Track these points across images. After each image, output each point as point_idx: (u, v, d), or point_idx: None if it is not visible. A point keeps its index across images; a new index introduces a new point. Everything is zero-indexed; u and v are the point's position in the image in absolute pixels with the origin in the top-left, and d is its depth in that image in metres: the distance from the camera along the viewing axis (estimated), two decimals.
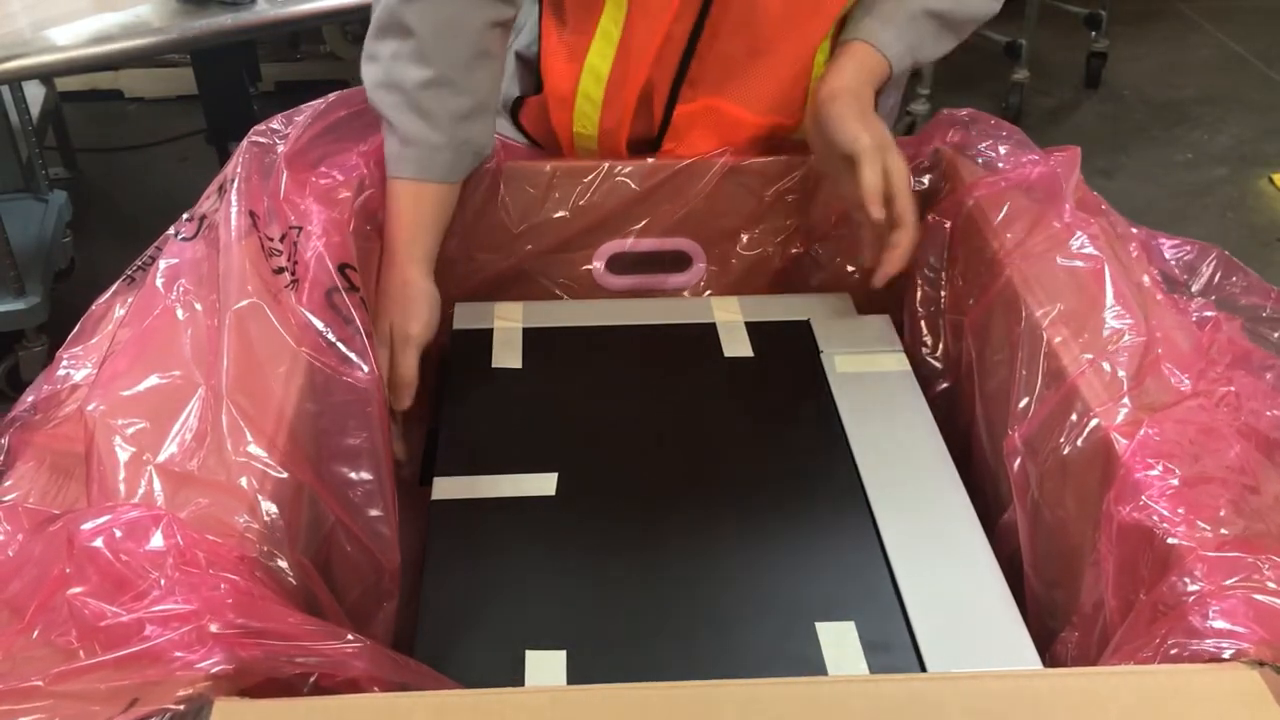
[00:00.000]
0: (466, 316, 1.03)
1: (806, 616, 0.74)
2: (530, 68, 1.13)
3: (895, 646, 0.72)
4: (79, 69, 2.17)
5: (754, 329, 1.02)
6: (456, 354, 1.00)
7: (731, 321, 1.03)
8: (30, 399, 0.76)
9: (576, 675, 0.71)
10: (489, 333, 1.01)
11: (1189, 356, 0.74)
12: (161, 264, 0.81)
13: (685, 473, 0.87)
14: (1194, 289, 0.86)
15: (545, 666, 0.71)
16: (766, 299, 1.07)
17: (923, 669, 0.71)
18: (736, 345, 1.00)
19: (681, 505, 0.84)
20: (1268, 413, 0.69)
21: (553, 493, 0.85)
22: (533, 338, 1.01)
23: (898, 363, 0.98)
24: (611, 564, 0.79)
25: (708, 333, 1.02)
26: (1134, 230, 0.90)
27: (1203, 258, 0.88)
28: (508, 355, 0.99)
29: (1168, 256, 0.89)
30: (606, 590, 0.77)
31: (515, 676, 0.71)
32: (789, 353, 1.00)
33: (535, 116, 1.14)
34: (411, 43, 0.96)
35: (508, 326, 1.02)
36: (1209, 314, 0.79)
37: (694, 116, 1.08)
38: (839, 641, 0.72)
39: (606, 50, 1.04)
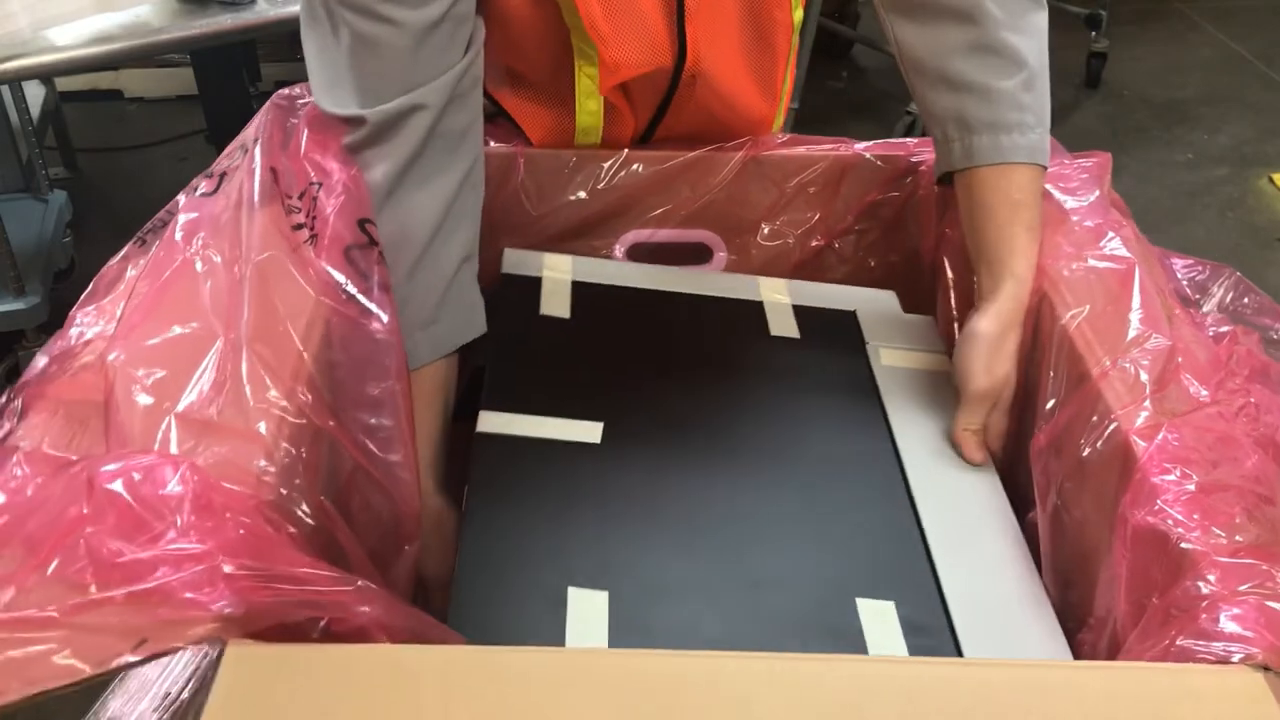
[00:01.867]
0: (515, 262, 1.02)
1: (848, 591, 0.74)
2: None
3: (933, 629, 0.72)
4: (79, 69, 2.16)
5: (800, 312, 1.01)
6: (505, 297, 0.98)
7: (778, 302, 1.02)
8: (43, 361, 0.76)
9: (617, 618, 0.70)
10: (537, 281, 1.01)
11: (1207, 367, 0.74)
12: (181, 218, 0.81)
13: (729, 439, 0.87)
14: (1205, 308, 0.86)
15: (587, 605, 0.71)
16: (813, 285, 1.06)
17: (959, 654, 0.71)
18: (783, 325, 1.00)
19: (725, 470, 0.84)
20: None
21: (598, 441, 0.84)
22: (580, 291, 1.00)
23: (941, 364, 0.97)
24: (656, 518, 0.79)
25: (754, 310, 1.01)
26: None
27: (1215, 278, 0.88)
28: (556, 305, 0.98)
29: (1180, 276, 0.89)
30: (649, 542, 0.77)
31: (557, 613, 0.70)
32: (834, 339, 0.99)
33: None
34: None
35: (556, 278, 1.01)
36: (1224, 329, 0.79)
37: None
38: (880, 619, 0.72)
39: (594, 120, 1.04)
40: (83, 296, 0.81)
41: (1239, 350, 0.75)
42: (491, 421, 0.85)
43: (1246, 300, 0.85)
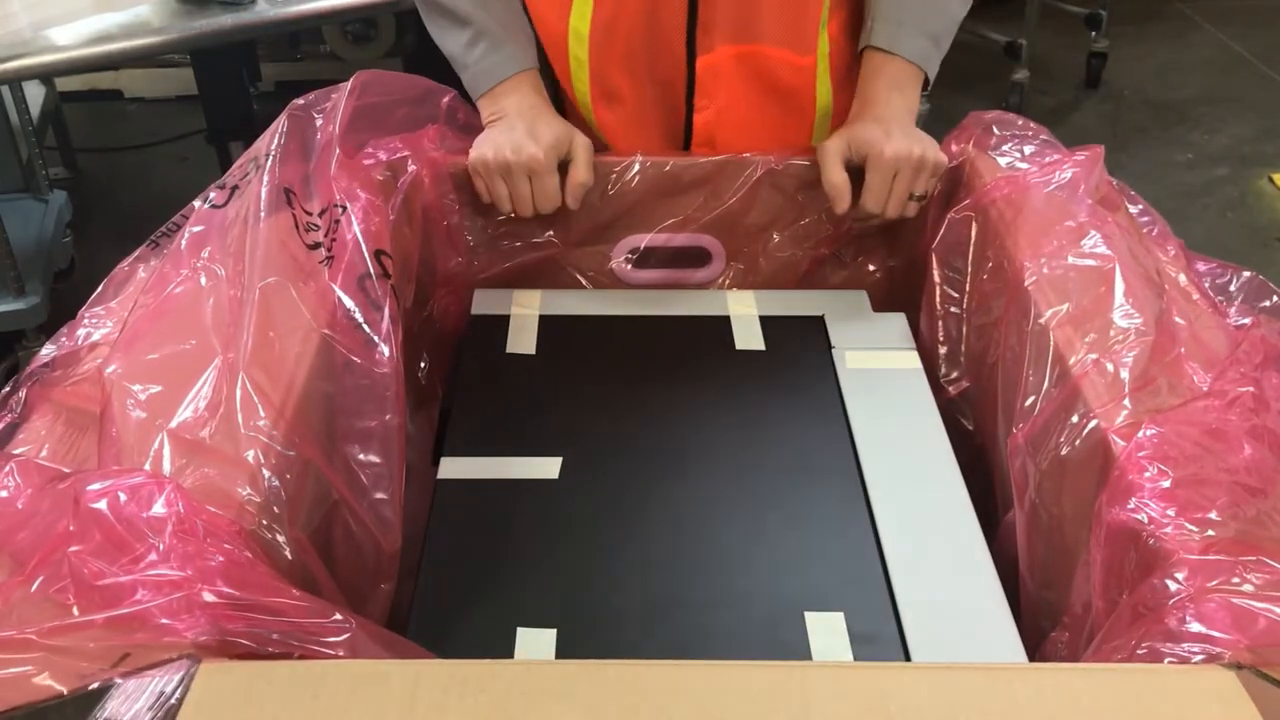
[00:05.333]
0: (485, 302, 1.04)
1: (797, 606, 0.75)
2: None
3: (882, 639, 0.73)
4: (79, 69, 2.17)
5: (768, 323, 1.03)
6: (472, 338, 1.01)
7: (746, 315, 1.04)
8: (50, 355, 0.77)
9: (565, 653, 0.71)
10: (505, 319, 1.03)
11: (1214, 355, 0.73)
12: (189, 230, 0.81)
13: (687, 461, 0.88)
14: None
15: (535, 643, 0.72)
16: (783, 294, 1.07)
17: (908, 661, 0.71)
18: (749, 338, 1.01)
19: (681, 492, 0.85)
20: None
21: (555, 476, 0.86)
22: (548, 325, 1.02)
23: (909, 361, 0.98)
24: (607, 547, 0.80)
25: (721, 325, 1.02)
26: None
27: (1236, 280, 0.88)
28: (522, 341, 1.00)
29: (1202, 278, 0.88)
30: (601, 572, 0.78)
31: (506, 652, 0.72)
32: (800, 347, 1.00)
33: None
34: None
35: (524, 314, 1.03)
36: (1245, 320, 0.78)
37: (718, 68, 1.07)
38: (827, 632, 0.73)
39: (584, 9, 1.06)
40: (93, 295, 0.82)
41: (1252, 336, 0.74)
42: (452, 467, 0.86)
43: (1268, 303, 0.85)
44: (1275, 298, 0.83)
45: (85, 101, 3.25)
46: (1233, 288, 0.87)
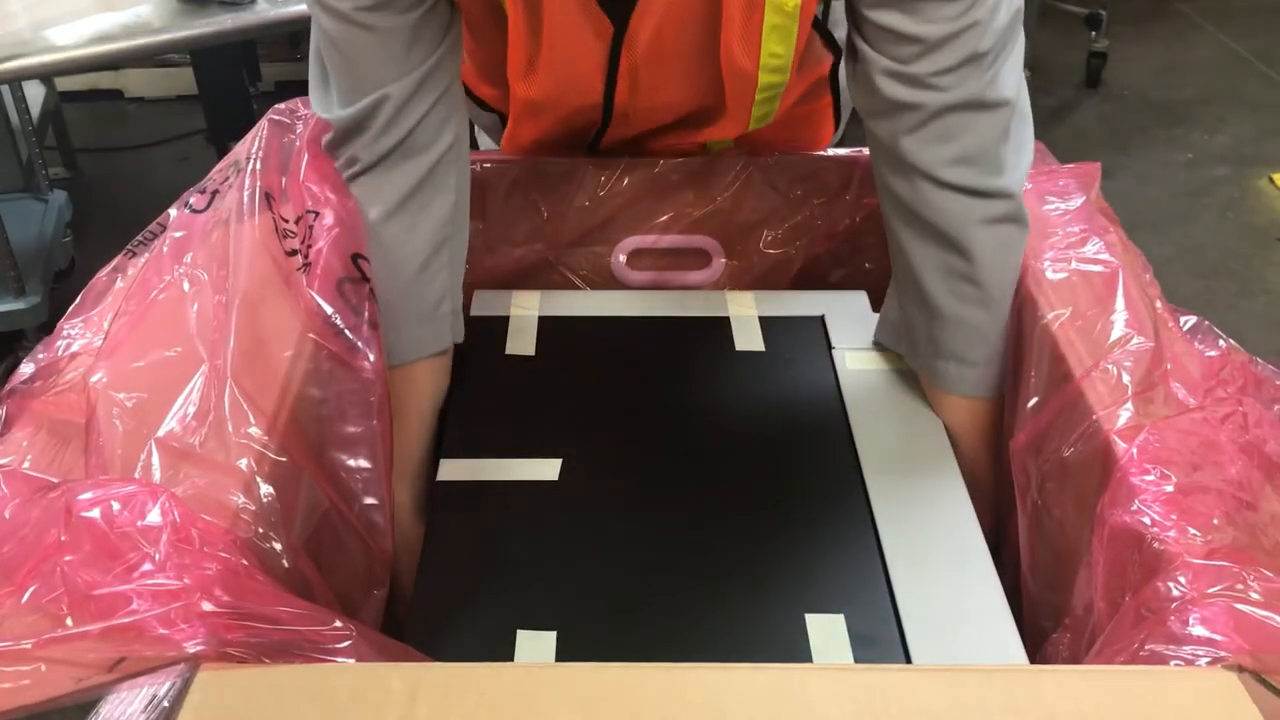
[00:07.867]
0: (484, 304, 1.04)
1: (798, 608, 0.75)
2: None
3: (883, 641, 0.73)
4: (79, 69, 2.18)
5: (767, 324, 1.03)
6: (471, 340, 1.00)
7: (745, 316, 1.04)
8: (29, 370, 0.76)
9: (565, 656, 0.71)
10: (505, 320, 1.02)
11: (1198, 377, 0.74)
12: (171, 235, 0.81)
13: (687, 462, 0.88)
14: None
15: (535, 646, 0.72)
16: (782, 294, 1.07)
17: (909, 663, 0.71)
18: (749, 339, 1.01)
19: (682, 494, 0.85)
20: (1273, 441, 0.68)
21: (555, 478, 0.85)
22: (548, 326, 1.02)
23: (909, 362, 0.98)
24: (608, 549, 0.80)
25: (721, 326, 1.02)
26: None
27: (1184, 322, 0.87)
28: (521, 343, 1.00)
29: None
30: (601, 574, 0.78)
31: (506, 655, 0.72)
32: (800, 348, 1.00)
33: None
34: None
35: (523, 315, 1.03)
36: (1212, 352, 0.79)
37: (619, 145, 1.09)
38: (827, 633, 0.73)
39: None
40: (71, 308, 0.81)
41: (1233, 362, 0.75)
42: (451, 469, 0.86)
43: (1221, 345, 0.84)
44: (1222, 342, 0.83)
45: (85, 101, 3.25)
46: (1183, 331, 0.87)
